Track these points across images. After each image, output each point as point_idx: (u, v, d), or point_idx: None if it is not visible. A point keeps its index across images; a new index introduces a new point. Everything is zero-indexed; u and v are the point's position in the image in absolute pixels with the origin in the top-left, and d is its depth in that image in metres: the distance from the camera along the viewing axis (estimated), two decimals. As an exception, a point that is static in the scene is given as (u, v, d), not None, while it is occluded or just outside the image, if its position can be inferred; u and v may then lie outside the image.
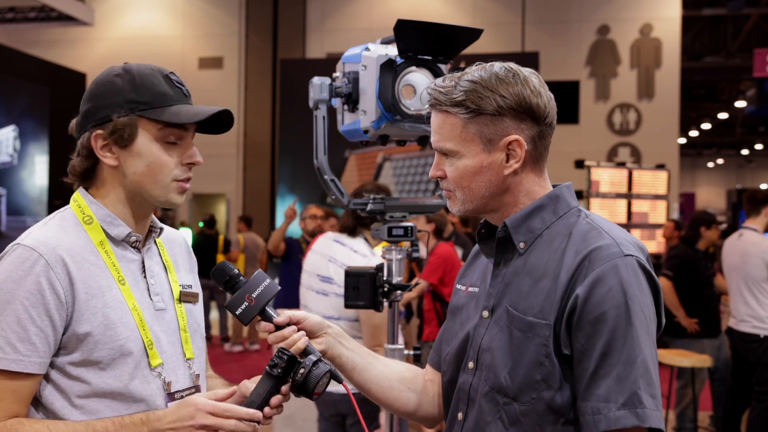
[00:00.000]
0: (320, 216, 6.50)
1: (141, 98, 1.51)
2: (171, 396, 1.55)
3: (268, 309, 1.54)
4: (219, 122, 1.60)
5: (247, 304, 1.52)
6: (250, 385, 1.53)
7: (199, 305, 1.72)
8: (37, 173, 12.98)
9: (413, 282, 2.80)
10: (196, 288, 1.72)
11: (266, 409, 1.47)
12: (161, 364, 1.54)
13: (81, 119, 1.56)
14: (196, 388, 1.61)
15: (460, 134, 1.45)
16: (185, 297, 1.66)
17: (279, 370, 1.47)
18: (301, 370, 1.47)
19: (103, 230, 1.55)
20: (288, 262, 6.43)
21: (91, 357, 1.46)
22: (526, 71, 1.47)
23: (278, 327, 1.54)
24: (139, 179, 1.53)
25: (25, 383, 1.43)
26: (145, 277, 1.58)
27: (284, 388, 1.49)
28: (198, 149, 1.60)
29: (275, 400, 1.47)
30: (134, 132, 1.51)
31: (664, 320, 1.43)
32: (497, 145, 1.44)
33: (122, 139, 1.51)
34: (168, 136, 1.53)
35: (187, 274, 1.72)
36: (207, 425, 1.40)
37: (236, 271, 1.56)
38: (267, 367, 1.48)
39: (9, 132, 12.40)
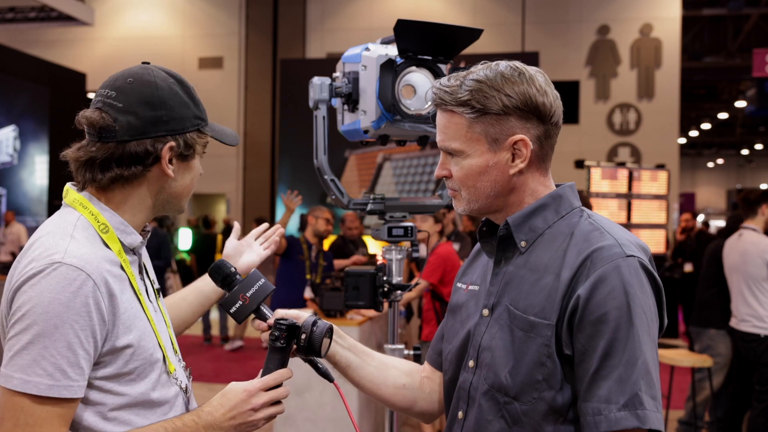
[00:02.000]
0: (332, 222, 6.49)
1: (202, 114, 1.55)
2: (183, 390, 1.56)
3: (262, 308, 1.58)
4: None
5: (241, 303, 1.55)
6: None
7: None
8: (37, 173, 12.98)
9: (413, 282, 2.79)
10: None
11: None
12: (175, 369, 1.54)
13: (143, 124, 1.46)
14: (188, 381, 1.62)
15: (465, 134, 1.45)
16: (159, 292, 1.65)
17: (282, 342, 1.51)
18: (303, 335, 1.52)
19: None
20: (287, 260, 6.38)
21: (125, 369, 1.41)
22: (532, 70, 1.46)
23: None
24: (181, 191, 1.55)
25: (72, 407, 1.36)
26: (142, 280, 1.57)
27: (293, 354, 1.54)
28: None
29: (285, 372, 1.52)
30: (197, 147, 1.54)
31: (666, 320, 1.43)
32: (503, 144, 1.44)
33: (184, 155, 1.52)
34: (204, 152, 1.57)
35: (151, 269, 1.69)
36: (266, 401, 1.47)
37: (233, 269, 1.59)
38: (270, 342, 1.52)
39: (9, 132, 12.41)
